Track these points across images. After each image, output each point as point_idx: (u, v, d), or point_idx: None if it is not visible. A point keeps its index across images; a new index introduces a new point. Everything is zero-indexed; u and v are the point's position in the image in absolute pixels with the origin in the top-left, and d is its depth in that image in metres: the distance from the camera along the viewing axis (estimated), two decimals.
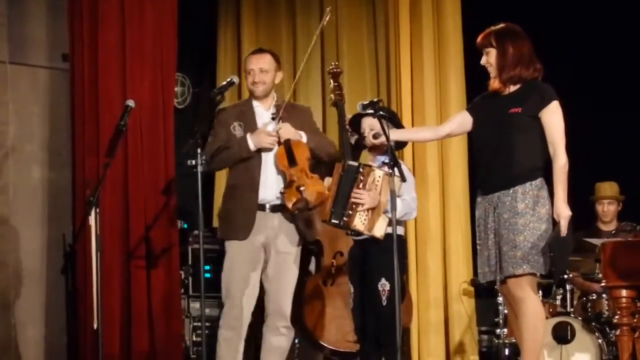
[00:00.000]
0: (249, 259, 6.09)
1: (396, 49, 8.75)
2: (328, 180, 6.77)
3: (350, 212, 5.66)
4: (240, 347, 6.09)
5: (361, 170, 5.69)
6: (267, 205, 6.11)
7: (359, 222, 5.65)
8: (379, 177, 5.59)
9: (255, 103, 6.27)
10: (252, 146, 6.08)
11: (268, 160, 6.12)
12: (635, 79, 8.76)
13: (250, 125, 6.18)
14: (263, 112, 6.25)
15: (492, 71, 5.60)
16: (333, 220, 5.72)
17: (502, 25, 5.64)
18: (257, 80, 6.22)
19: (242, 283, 6.07)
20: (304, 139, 6.16)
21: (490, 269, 5.55)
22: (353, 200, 5.64)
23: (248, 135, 6.09)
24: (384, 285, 5.67)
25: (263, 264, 6.16)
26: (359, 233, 5.74)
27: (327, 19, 6.47)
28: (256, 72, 6.22)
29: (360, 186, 5.65)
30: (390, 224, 5.61)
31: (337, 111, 6.92)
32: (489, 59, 5.59)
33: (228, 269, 6.12)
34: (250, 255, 6.09)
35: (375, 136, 5.74)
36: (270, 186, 6.10)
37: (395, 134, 5.75)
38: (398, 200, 5.63)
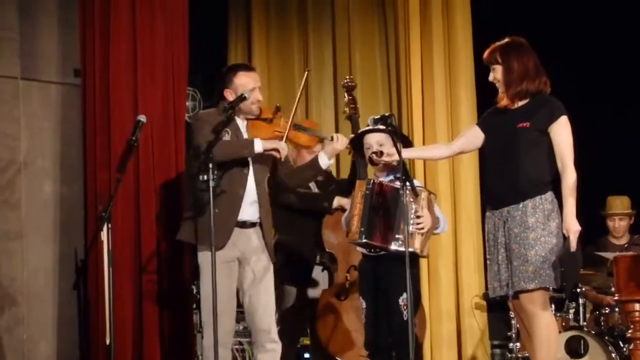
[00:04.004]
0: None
1: (407, 62, 8.78)
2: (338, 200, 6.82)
3: (410, 235, 5.52)
4: None
5: (408, 191, 5.51)
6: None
7: (418, 243, 5.59)
8: (425, 197, 5.57)
9: (240, 122, 6.05)
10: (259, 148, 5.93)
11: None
12: None
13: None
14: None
15: (500, 87, 5.60)
16: (365, 240, 5.62)
17: (506, 40, 5.63)
18: (260, 99, 6.08)
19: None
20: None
21: (501, 283, 5.54)
22: (417, 226, 5.56)
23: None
24: (405, 300, 5.60)
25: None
26: (379, 250, 5.70)
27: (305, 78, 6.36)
28: (259, 89, 6.07)
29: (415, 207, 5.56)
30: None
31: (351, 125, 6.94)
32: (496, 75, 5.59)
33: None
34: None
35: (379, 154, 5.70)
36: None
37: (409, 153, 5.74)
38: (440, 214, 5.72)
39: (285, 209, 6.75)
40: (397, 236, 5.56)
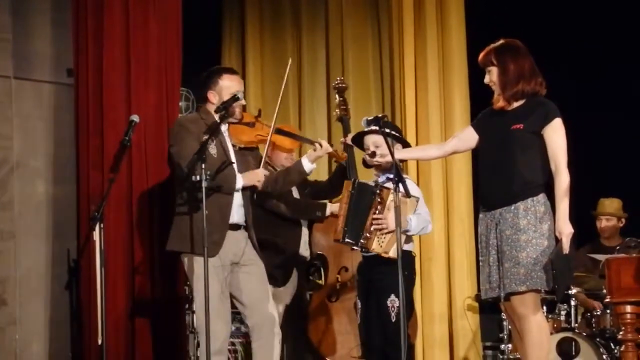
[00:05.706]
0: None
1: (400, 65, 8.77)
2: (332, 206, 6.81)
3: (369, 234, 5.61)
4: None
5: (378, 192, 5.63)
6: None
7: (377, 245, 5.60)
8: (391, 198, 5.54)
9: (222, 126, 6.02)
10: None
11: None
12: None
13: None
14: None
15: (496, 89, 5.58)
16: (347, 240, 5.68)
17: (501, 42, 5.61)
18: (244, 103, 6.14)
19: None
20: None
21: (491, 285, 5.53)
22: (375, 225, 5.60)
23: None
24: (393, 301, 5.62)
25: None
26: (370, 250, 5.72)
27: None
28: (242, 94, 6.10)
29: (379, 208, 5.59)
30: (406, 241, 5.61)
31: (342, 126, 6.93)
32: (492, 77, 5.57)
33: None
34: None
35: (372, 155, 5.71)
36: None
37: (401, 154, 5.74)
38: (413, 215, 5.63)
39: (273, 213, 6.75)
40: (360, 233, 5.61)
